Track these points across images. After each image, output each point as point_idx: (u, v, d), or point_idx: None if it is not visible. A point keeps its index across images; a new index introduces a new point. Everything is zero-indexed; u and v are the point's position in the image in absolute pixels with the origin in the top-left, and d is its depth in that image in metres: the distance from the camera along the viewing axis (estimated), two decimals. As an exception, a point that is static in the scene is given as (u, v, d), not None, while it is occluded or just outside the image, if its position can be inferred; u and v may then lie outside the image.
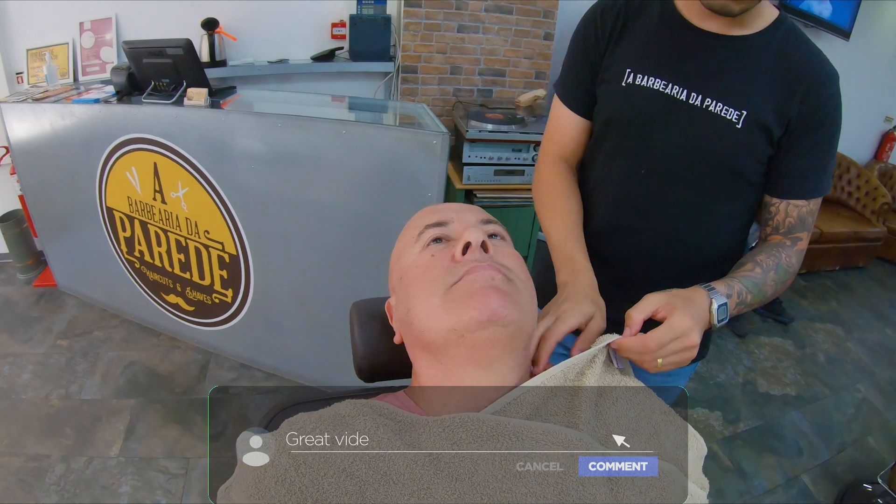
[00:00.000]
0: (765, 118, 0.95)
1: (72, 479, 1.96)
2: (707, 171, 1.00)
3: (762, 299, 0.98)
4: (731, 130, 0.95)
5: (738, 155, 0.97)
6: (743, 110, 0.94)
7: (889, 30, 4.91)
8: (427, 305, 0.69)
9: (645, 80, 1.00)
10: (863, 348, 3.51)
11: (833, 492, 2.31)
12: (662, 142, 1.01)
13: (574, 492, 0.59)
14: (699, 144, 0.98)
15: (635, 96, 1.01)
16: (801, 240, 1.03)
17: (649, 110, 1.01)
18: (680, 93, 0.98)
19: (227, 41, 2.98)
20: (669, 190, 1.04)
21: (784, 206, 1.02)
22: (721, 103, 0.95)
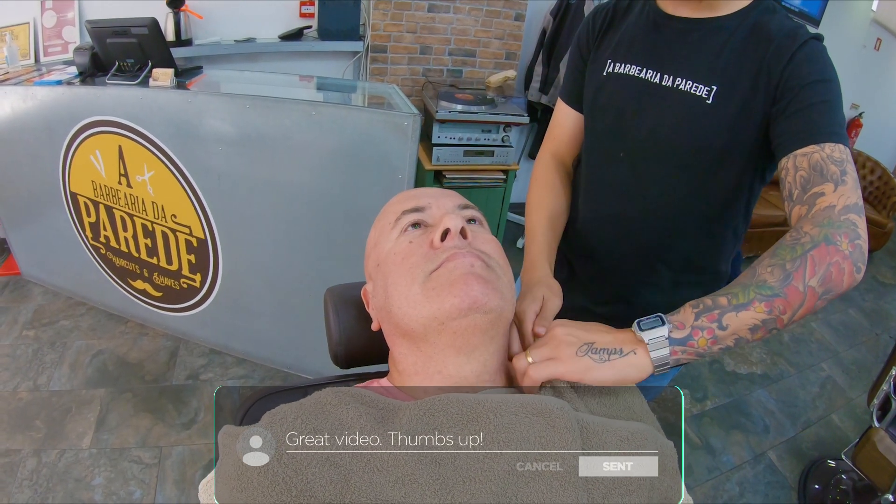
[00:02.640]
0: (738, 92, 0.93)
1: (44, 472, 1.92)
2: (682, 148, 0.99)
3: (764, 294, 0.72)
4: (701, 106, 0.95)
5: (709, 129, 0.96)
6: (713, 86, 0.94)
7: (858, 18, 5.00)
8: (407, 293, 0.68)
9: (622, 67, 1.04)
10: (827, 328, 3.60)
11: (798, 468, 2.37)
12: (637, 124, 1.02)
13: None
14: (671, 122, 0.98)
15: (613, 83, 1.05)
16: (822, 195, 0.78)
17: (625, 95, 1.03)
18: (654, 76, 1.00)
19: (193, 19, 2.92)
20: (647, 171, 1.05)
21: (791, 161, 0.84)
22: (691, 81, 0.96)
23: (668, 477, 0.69)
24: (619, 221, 1.11)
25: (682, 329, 0.71)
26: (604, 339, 0.71)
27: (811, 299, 0.73)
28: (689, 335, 0.71)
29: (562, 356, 0.70)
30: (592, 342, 0.71)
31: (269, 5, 3.06)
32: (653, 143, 1.02)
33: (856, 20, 5.01)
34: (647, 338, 0.70)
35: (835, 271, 0.72)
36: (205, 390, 2.34)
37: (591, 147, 1.15)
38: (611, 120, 1.07)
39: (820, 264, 0.72)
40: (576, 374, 0.69)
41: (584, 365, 0.69)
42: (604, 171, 1.11)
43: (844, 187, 0.78)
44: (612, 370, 0.69)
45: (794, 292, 0.71)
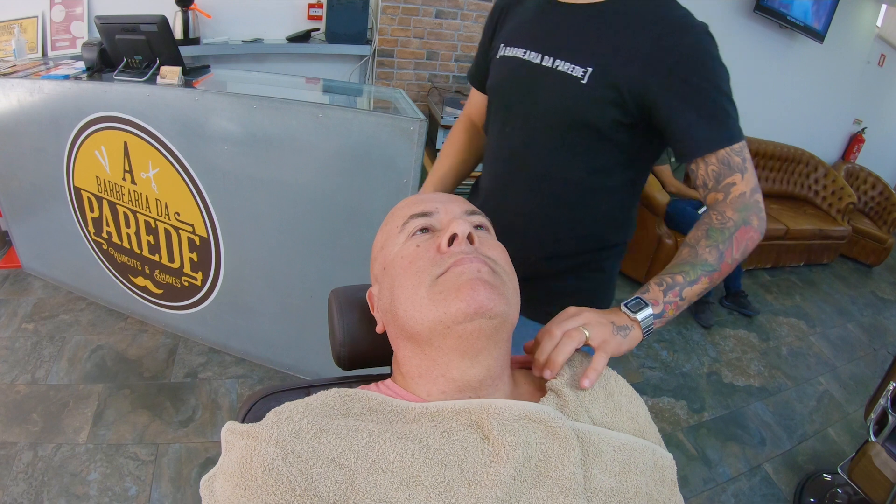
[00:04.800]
0: (612, 75, 0.98)
1: (40, 466, 1.92)
2: (559, 125, 1.07)
3: (707, 270, 0.93)
4: (576, 86, 1.01)
5: (584, 108, 1.02)
6: (588, 67, 1.00)
7: (862, 34, 5.02)
8: (413, 296, 0.68)
9: (511, 50, 1.13)
10: (825, 342, 3.61)
11: (794, 481, 2.37)
12: (520, 102, 1.12)
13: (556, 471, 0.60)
14: (549, 100, 1.06)
15: (504, 66, 1.15)
16: (734, 184, 0.96)
17: (512, 76, 1.13)
18: (536, 58, 1.07)
19: (202, 18, 2.93)
20: (530, 144, 1.13)
21: (700, 163, 0.98)
22: (569, 62, 1.02)
23: (666, 488, 0.70)
24: (511, 191, 1.19)
25: (657, 305, 0.89)
26: (617, 319, 0.85)
27: (732, 267, 0.96)
28: (663, 310, 0.90)
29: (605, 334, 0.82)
30: (612, 322, 0.85)
31: (277, 7, 3.08)
32: (533, 120, 1.11)
33: (860, 36, 5.03)
34: (640, 318, 0.87)
35: (750, 245, 0.96)
36: (203, 389, 2.34)
37: (489, 124, 1.26)
38: (500, 99, 1.18)
39: (741, 242, 0.95)
40: (618, 347, 0.84)
41: (617, 340, 0.83)
42: (495, 145, 1.22)
43: (748, 174, 0.97)
44: (627, 343, 0.85)
45: (725, 266, 0.94)
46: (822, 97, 5.15)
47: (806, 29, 4.45)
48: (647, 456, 0.69)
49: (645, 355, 3.05)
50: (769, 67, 4.62)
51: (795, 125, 5.07)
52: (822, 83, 5.04)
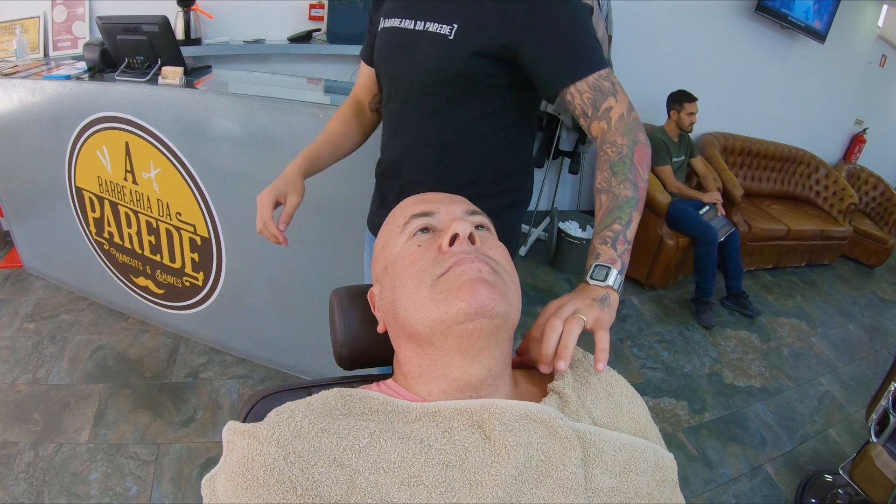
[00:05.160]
0: (477, 26, 1.07)
1: (41, 466, 1.92)
2: (435, 82, 1.14)
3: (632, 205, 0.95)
4: (445, 43, 1.09)
5: (454, 62, 1.09)
6: (454, 24, 1.08)
7: (864, 34, 5.02)
8: (414, 296, 0.69)
9: (389, 21, 1.20)
10: (826, 343, 3.61)
11: (795, 481, 2.37)
12: (400, 67, 1.19)
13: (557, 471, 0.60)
14: (422, 60, 1.13)
15: (384, 37, 1.22)
16: (611, 108, 1.02)
17: (390, 44, 1.20)
18: (409, 24, 1.15)
19: (203, 19, 2.93)
20: (415, 107, 1.20)
21: (574, 92, 1.05)
22: (436, 23, 1.10)
23: (667, 488, 0.70)
24: (408, 155, 1.26)
25: (616, 263, 0.88)
26: (595, 293, 0.84)
27: (647, 188, 1.00)
28: (622, 263, 0.90)
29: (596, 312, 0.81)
30: (593, 298, 0.83)
31: (278, 7, 3.08)
32: (411, 82, 1.18)
33: (861, 36, 5.03)
34: (611, 283, 0.86)
35: (647, 159, 1.01)
36: (204, 389, 2.34)
37: (382, 97, 1.31)
38: (384, 69, 1.26)
39: (641, 162, 0.99)
40: (610, 319, 0.83)
41: (606, 313, 0.82)
42: (386, 112, 1.30)
43: (620, 95, 1.04)
44: (612, 312, 0.84)
45: (642, 191, 0.98)
46: (824, 97, 5.15)
47: (807, 29, 4.45)
48: (648, 456, 0.69)
49: (646, 356, 3.05)
50: (770, 68, 4.62)
51: (797, 125, 5.07)
52: (823, 83, 5.04)
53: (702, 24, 4.09)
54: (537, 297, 3.40)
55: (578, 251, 3.67)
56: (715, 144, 4.44)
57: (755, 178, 4.88)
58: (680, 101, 3.58)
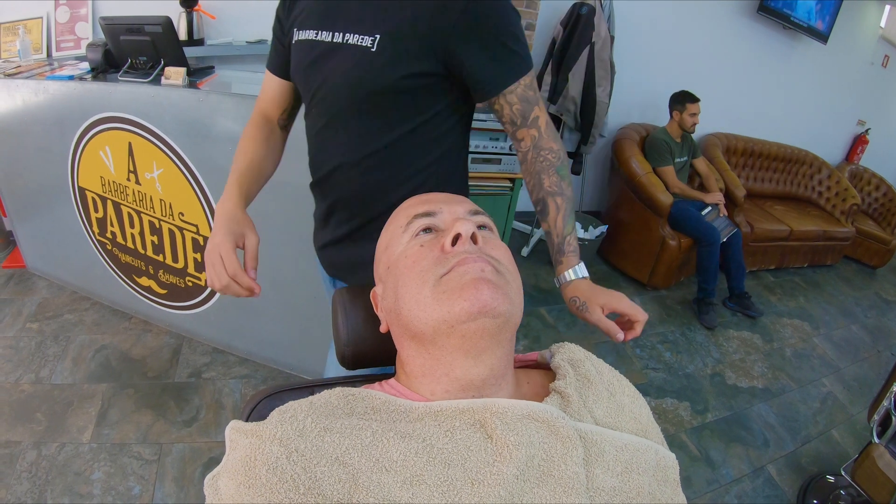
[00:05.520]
0: (402, 36, 1.02)
1: (43, 465, 1.92)
2: (361, 96, 1.07)
3: (573, 202, 1.12)
4: (367, 55, 1.03)
5: (378, 74, 1.04)
6: (375, 35, 1.02)
7: (866, 35, 5.02)
8: (417, 296, 0.69)
9: (304, 34, 1.13)
10: (829, 344, 3.60)
11: (797, 482, 2.37)
12: (321, 83, 1.11)
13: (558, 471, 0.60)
14: (343, 75, 1.07)
15: (300, 50, 1.15)
16: (538, 117, 1.10)
17: (308, 59, 1.12)
18: (327, 36, 1.08)
19: (206, 19, 2.93)
20: (340, 121, 1.13)
21: (503, 102, 1.09)
22: (356, 34, 1.04)
23: (669, 488, 0.70)
24: (339, 170, 1.18)
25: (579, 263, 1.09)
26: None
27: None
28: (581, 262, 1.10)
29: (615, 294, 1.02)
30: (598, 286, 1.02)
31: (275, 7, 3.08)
32: (335, 98, 1.11)
33: (864, 37, 5.02)
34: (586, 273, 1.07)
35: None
36: (207, 388, 2.34)
37: (305, 114, 1.23)
38: (303, 84, 1.17)
39: (567, 159, 1.14)
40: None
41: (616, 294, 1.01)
42: (310, 131, 1.22)
43: (540, 102, 1.11)
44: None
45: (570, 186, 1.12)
46: (826, 98, 5.15)
47: (809, 30, 4.44)
48: (649, 456, 0.69)
49: (648, 356, 3.05)
50: (772, 68, 4.62)
51: (799, 126, 5.06)
52: (825, 84, 5.04)
53: (704, 24, 4.09)
54: (540, 298, 3.40)
55: (581, 252, 3.66)
56: (717, 145, 4.44)
57: (757, 179, 4.88)
58: (682, 101, 3.57)
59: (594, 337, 3.09)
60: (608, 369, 0.81)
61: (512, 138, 1.16)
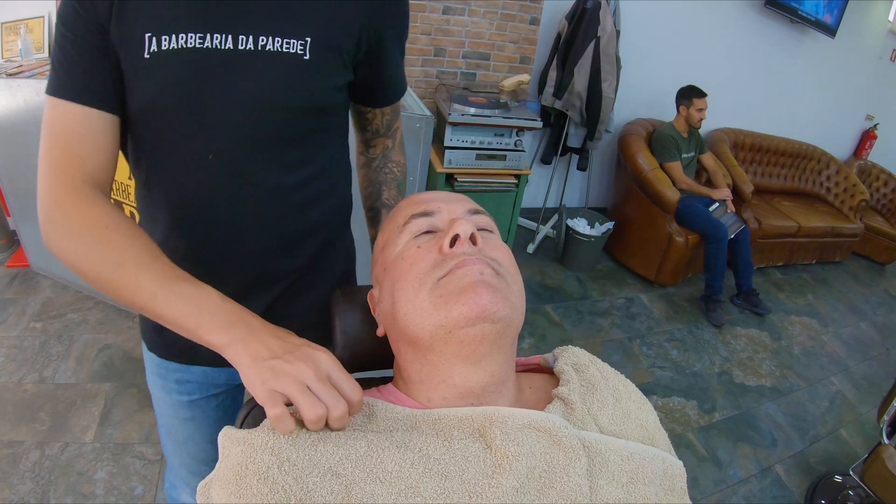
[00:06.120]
0: (334, 38, 0.82)
1: (46, 465, 1.92)
2: (287, 119, 0.83)
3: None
4: (299, 64, 0.79)
5: (313, 87, 0.83)
6: (307, 37, 0.79)
7: (874, 29, 4.97)
8: (414, 300, 0.66)
9: (173, 41, 0.74)
10: (838, 342, 3.57)
11: (806, 482, 2.35)
12: (220, 110, 0.79)
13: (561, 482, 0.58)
14: (264, 92, 0.79)
15: (166, 67, 0.75)
16: (398, 128, 1.08)
17: (189, 78, 0.76)
18: (226, 41, 0.76)
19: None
20: (252, 162, 0.84)
21: (378, 111, 1.02)
22: (280, 37, 0.77)
23: (675, 497, 0.68)
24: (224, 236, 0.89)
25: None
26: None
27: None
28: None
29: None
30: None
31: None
32: (250, 128, 0.81)
33: (872, 31, 4.97)
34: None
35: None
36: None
37: (157, 161, 0.84)
38: (179, 116, 0.79)
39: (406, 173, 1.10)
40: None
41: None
42: (175, 181, 0.85)
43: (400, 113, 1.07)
44: None
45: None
46: (834, 93, 5.10)
47: (817, 24, 4.40)
48: (656, 465, 0.67)
49: (655, 355, 3.03)
50: (780, 63, 4.58)
51: (807, 121, 5.02)
52: (833, 79, 4.99)
53: (711, 18, 4.06)
54: (546, 295, 3.38)
55: (587, 248, 3.65)
56: (725, 140, 4.40)
57: (765, 175, 4.84)
58: (689, 96, 3.54)
59: (600, 335, 3.07)
60: (613, 374, 0.79)
61: (361, 143, 1.09)
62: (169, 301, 0.67)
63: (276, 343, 0.63)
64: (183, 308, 0.66)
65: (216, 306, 0.67)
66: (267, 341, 0.63)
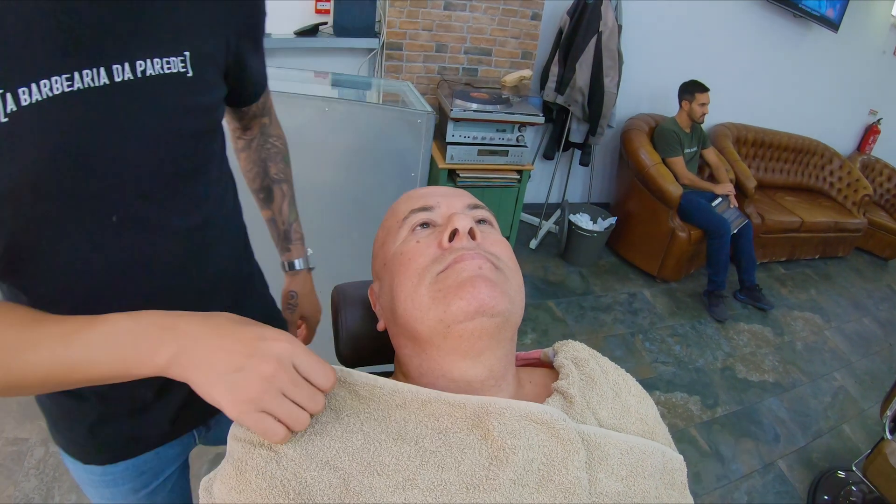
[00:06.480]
0: (209, 45, 0.73)
1: (51, 462, 1.93)
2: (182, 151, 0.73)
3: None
4: (184, 83, 0.69)
5: (205, 106, 0.74)
6: (185, 51, 0.68)
7: (878, 23, 4.95)
8: (413, 295, 0.66)
9: (35, 91, 0.56)
10: (840, 337, 3.57)
11: (808, 478, 2.35)
12: (111, 160, 0.65)
13: (559, 475, 0.58)
14: (159, 129, 0.68)
15: (31, 129, 0.57)
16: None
17: (68, 134, 0.60)
18: (97, 77, 0.60)
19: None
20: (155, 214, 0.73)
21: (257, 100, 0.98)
22: (159, 57, 0.65)
23: (676, 491, 0.68)
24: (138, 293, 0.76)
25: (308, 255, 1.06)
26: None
27: None
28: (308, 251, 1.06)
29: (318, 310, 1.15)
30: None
31: (284, 1, 3.06)
32: (150, 171, 0.69)
33: (875, 25, 4.95)
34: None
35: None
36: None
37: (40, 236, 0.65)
38: (60, 183, 0.62)
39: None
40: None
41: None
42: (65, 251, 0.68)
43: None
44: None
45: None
46: (837, 87, 5.09)
47: (820, 18, 4.38)
48: (656, 459, 0.67)
49: (658, 350, 3.03)
50: (782, 57, 4.57)
51: (810, 116, 5.01)
52: (836, 73, 4.98)
53: (713, 13, 4.04)
54: (548, 291, 3.38)
55: (590, 243, 3.65)
56: (727, 135, 4.39)
57: (768, 170, 4.83)
58: (692, 91, 3.53)
59: (603, 330, 3.07)
60: (613, 368, 0.79)
61: (237, 129, 1.04)
62: (81, 357, 0.57)
63: (225, 346, 0.55)
64: (100, 353, 0.56)
65: (131, 330, 0.57)
66: (213, 346, 0.55)
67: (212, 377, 0.54)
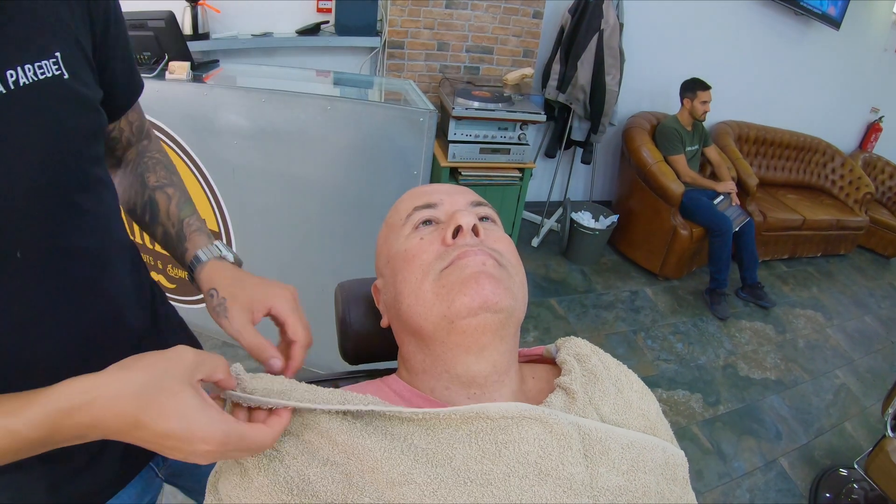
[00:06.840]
0: (78, 41, 0.66)
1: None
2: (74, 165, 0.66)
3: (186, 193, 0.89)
4: (62, 87, 0.62)
5: (85, 106, 0.66)
6: (56, 52, 0.61)
7: (879, 21, 4.94)
8: (417, 291, 0.67)
9: None
10: (842, 335, 3.57)
11: (810, 475, 2.35)
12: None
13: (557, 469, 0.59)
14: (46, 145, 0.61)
15: None
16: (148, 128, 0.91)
17: None
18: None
19: (211, 13, 2.92)
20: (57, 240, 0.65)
21: (124, 119, 0.83)
22: (30, 63, 0.58)
23: (677, 487, 0.68)
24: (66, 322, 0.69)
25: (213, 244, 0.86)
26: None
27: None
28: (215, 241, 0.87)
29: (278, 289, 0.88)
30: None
31: (286, 0, 3.06)
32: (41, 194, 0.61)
33: (877, 23, 4.95)
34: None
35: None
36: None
37: None
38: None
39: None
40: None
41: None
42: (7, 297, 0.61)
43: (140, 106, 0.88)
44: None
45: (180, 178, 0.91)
46: (839, 85, 5.08)
47: (821, 15, 4.37)
48: (657, 454, 0.67)
49: (660, 348, 3.03)
50: (784, 55, 4.56)
51: (811, 114, 5.00)
52: (838, 71, 4.97)
53: (714, 10, 4.04)
54: (550, 289, 3.38)
55: (591, 241, 3.65)
56: (729, 133, 4.39)
57: (770, 168, 4.83)
58: (693, 89, 3.53)
59: (605, 328, 3.07)
60: (615, 364, 0.79)
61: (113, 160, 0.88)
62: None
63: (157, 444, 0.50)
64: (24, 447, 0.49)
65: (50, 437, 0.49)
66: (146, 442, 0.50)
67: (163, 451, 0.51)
